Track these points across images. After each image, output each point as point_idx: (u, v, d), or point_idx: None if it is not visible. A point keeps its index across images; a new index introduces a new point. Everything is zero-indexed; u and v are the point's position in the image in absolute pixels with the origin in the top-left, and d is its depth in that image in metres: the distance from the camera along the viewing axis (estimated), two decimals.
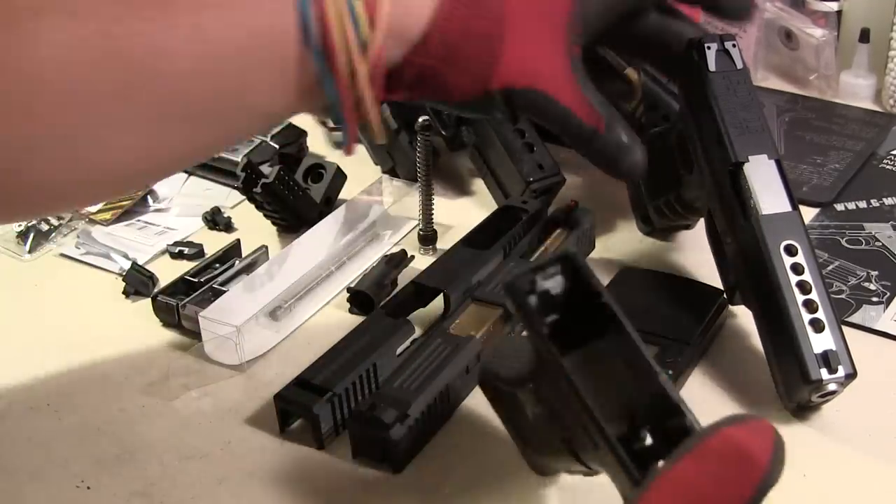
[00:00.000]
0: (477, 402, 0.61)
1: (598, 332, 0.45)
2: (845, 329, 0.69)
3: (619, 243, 0.79)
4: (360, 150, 0.87)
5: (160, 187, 0.88)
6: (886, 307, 0.71)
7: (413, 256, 0.76)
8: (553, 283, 0.45)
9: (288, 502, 0.57)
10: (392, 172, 0.86)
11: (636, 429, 0.44)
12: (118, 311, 0.74)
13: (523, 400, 0.51)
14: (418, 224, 0.79)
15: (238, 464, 0.60)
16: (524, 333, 0.49)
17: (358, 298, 0.73)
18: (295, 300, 0.72)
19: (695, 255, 0.78)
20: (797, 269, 0.60)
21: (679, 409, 0.43)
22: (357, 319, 0.68)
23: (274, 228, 0.82)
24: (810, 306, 0.59)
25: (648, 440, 0.44)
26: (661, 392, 0.43)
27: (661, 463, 0.38)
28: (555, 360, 0.43)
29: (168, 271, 0.76)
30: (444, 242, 0.78)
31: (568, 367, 0.43)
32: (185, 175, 0.90)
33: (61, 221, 0.83)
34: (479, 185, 0.87)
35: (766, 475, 0.37)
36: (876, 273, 0.75)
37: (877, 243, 0.79)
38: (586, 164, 0.56)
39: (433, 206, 0.78)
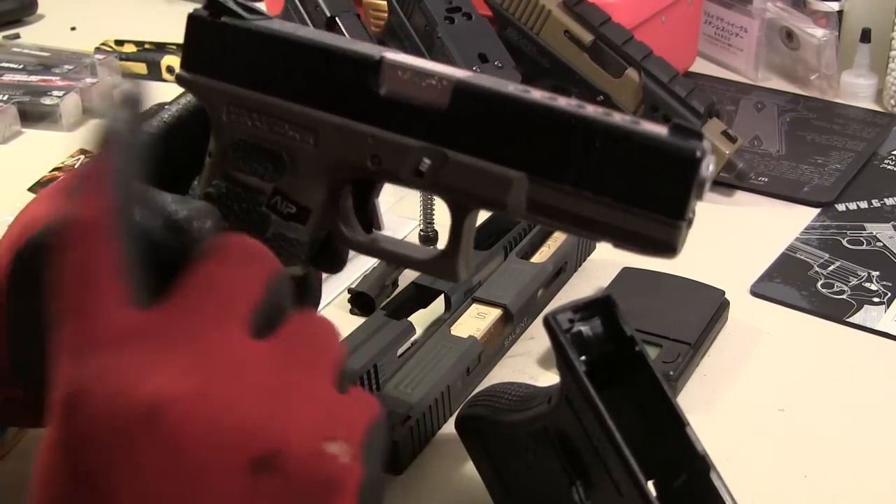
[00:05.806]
0: None
1: (622, 377, 0.46)
2: (846, 329, 0.70)
3: None
4: None
5: None
6: (888, 307, 0.71)
7: None
8: (588, 325, 0.46)
9: None
10: None
11: (660, 476, 0.44)
12: None
13: (520, 444, 0.50)
14: (419, 224, 0.79)
15: None
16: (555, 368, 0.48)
17: (359, 299, 0.73)
18: None
19: (695, 255, 0.78)
20: None
21: (703, 461, 0.43)
22: (358, 320, 0.68)
23: None
24: None
25: (670, 489, 0.44)
26: (686, 442, 0.43)
27: None
28: (590, 398, 0.43)
29: None
30: (445, 243, 0.78)
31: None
32: None
33: None
34: None
35: None
36: (877, 273, 0.75)
37: (878, 243, 0.79)
38: None
39: (434, 207, 0.78)
